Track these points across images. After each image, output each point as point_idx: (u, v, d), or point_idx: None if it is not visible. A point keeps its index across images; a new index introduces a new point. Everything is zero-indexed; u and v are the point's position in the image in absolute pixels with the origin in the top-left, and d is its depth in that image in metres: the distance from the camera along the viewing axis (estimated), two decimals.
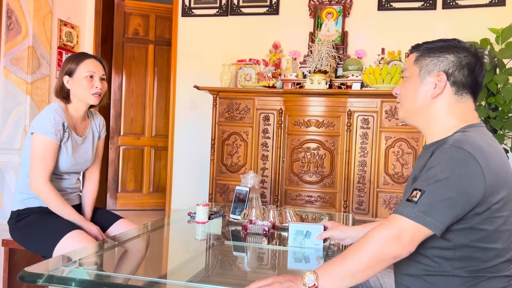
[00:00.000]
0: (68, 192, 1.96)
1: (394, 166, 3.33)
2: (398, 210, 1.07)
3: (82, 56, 1.93)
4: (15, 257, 1.97)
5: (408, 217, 1.04)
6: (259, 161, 3.61)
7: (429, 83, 1.20)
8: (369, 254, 1.04)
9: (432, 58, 1.20)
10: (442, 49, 1.20)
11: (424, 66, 1.21)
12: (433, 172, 1.06)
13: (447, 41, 1.22)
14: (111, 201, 4.74)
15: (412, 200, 1.05)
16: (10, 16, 3.75)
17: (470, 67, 1.18)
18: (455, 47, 1.20)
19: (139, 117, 4.84)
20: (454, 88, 1.19)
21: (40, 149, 1.78)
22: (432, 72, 1.19)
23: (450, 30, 3.57)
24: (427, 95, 1.20)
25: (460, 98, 1.19)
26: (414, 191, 1.07)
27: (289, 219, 1.88)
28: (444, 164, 1.05)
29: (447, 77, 1.18)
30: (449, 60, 1.18)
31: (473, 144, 1.07)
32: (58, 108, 1.86)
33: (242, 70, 3.89)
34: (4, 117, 3.76)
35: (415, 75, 1.22)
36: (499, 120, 3.12)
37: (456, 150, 1.06)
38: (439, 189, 1.04)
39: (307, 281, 1.05)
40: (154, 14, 4.84)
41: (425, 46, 1.23)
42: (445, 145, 1.09)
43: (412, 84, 1.23)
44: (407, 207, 1.05)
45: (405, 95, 1.25)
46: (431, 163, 1.09)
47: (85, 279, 1.18)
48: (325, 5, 3.92)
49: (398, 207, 1.08)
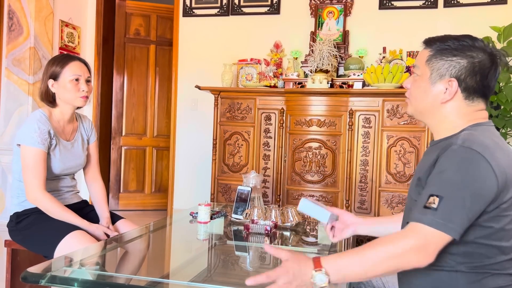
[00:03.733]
0: (64, 192, 1.96)
1: (396, 165, 3.32)
2: (417, 218, 1.04)
3: (67, 59, 1.89)
4: (17, 258, 1.97)
5: (430, 225, 1.01)
6: (261, 160, 3.61)
7: (439, 88, 1.17)
8: (390, 263, 1.02)
9: (445, 62, 1.17)
10: (455, 51, 1.16)
11: (435, 69, 1.18)
12: (447, 175, 1.04)
13: (461, 40, 1.17)
14: (113, 202, 4.75)
15: (431, 207, 1.02)
16: (12, 17, 3.75)
17: (484, 72, 1.15)
18: (470, 48, 1.16)
19: (141, 117, 4.84)
20: (465, 94, 1.17)
21: (30, 160, 1.76)
22: (443, 77, 1.17)
23: (451, 29, 3.56)
24: (437, 99, 1.18)
25: (471, 102, 1.17)
26: (431, 197, 1.03)
27: (291, 218, 1.88)
28: (456, 166, 1.04)
29: (459, 83, 1.15)
30: (461, 65, 1.15)
31: (481, 144, 1.06)
32: (42, 116, 1.83)
33: (243, 69, 3.88)
34: (6, 118, 3.77)
35: (426, 76, 1.20)
36: (501, 119, 3.11)
37: (466, 151, 1.05)
38: (456, 194, 1.02)
39: (318, 282, 1.02)
40: (155, 14, 4.84)
41: (438, 45, 1.19)
42: (453, 145, 1.07)
43: (422, 85, 1.21)
44: (427, 215, 1.02)
45: (415, 94, 1.23)
46: (441, 166, 1.07)
47: (87, 279, 1.18)
48: (326, 4, 3.91)
49: (417, 214, 1.04)
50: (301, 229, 1.93)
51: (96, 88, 4.49)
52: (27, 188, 1.78)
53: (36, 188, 1.76)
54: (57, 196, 1.90)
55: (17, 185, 1.87)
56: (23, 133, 1.79)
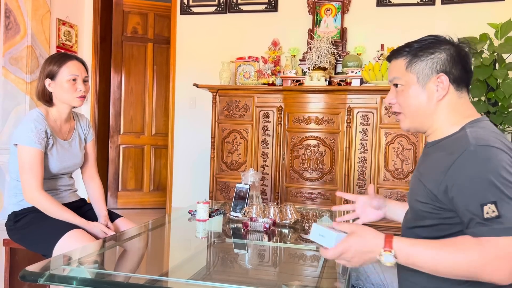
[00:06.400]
0: (62, 190, 1.95)
1: (394, 162, 3.33)
2: (483, 232, 0.99)
3: (64, 58, 1.87)
4: (16, 257, 1.97)
5: (503, 234, 0.97)
6: (259, 158, 3.61)
7: (430, 87, 1.18)
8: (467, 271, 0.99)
9: (426, 61, 1.17)
10: (430, 49, 1.17)
11: (420, 71, 1.18)
12: (483, 178, 1.01)
13: (427, 39, 1.19)
14: (111, 200, 4.74)
15: (492, 217, 0.98)
16: (9, 16, 3.74)
17: (463, 60, 1.17)
18: (440, 43, 1.18)
19: (139, 116, 4.84)
20: (455, 85, 1.18)
21: (27, 159, 1.75)
22: (431, 76, 1.17)
23: (449, 26, 3.56)
24: (432, 99, 1.18)
25: (460, 93, 1.19)
26: (485, 207, 0.99)
27: (290, 216, 1.89)
28: (485, 166, 1.02)
29: (447, 76, 1.16)
30: (442, 59, 1.16)
31: (493, 139, 1.07)
32: (39, 115, 1.82)
33: (241, 67, 3.88)
34: (4, 117, 3.76)
35: (412, 82, 1.19)
36: (499, 115, 3.12)
37: (486, 149, 1.04)
38: (506, 191, 0.99)
39: (385, 261, 1.03)
40: (152, 13, 4.83)
41: (409, 51, 1.19)
42: (470, 147, 1.05)
43: (412, 92, 1.19)
44: (493, 225, 0.98)
45: (408, 105, 1.21)
46: (469, 171, 1.03)
47: (86, 277, 1.18)
48: (324, 1, 3.91)
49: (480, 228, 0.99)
50: (299, 227, 1.93)
51: (93, 86, 4.48)
52: (25, 188, 1.77)
53: (33, 188, 1.76)
54: (55, 195, 1.90)
55: (14, 184, 1.87)
56: (20, 132, 1.78)
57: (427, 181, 1.14)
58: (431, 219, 1.13)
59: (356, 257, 1.06)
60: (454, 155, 1.07)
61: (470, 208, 1.02)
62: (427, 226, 1.15)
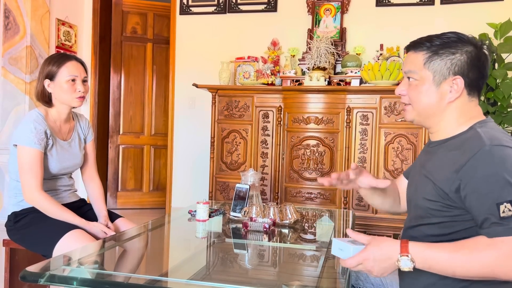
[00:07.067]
0: (62, 191, 1.96)
1: (394, 162, 3.33)
2: (498, 232, 1.00)
3: (63, 58, 1.87)
4: (16, 257, 1.97)
5: None
6: (259, 158, 3.61)
7: (444, 88, 1.17)
8: (484, 273, 1.00)
9: (446, 61, 1.16)
10: (450, 48, 1.16)
11: (438, 71, 1.17)
12: (499, 177, 1.01)
13: (450, 36, 1.18)
14: (111, 200, 4.74)
15: (509, 216, 0.99)
16: (8, 16, 3.74)
17: (481, 64, 1.16)
18: (462, 42, 1.17)
19: (138, 116, 4.84)
20: (468, 89, 1.17)
21: (27, 160, 1.75)
22: (447, 77, 1.16)
23: (448, 26, 3.56)
24: (443, 100, 1.17)
25: (471, 97, 1.18)
26: (501, 206, 0.99)
27: (290, 216, 1.89)
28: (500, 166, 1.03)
29: (463, 79, 1.15)
30: (461, 61, 1.15)
31: (505, 139, 1.07)
32: (38, 116, 1.82)
33: (240, 67, 3.88)
34: (3, 117, 3.76)
35: (427, 79, 1.18)
36: (498, 115, 3.12)
37: (500, 149, 1.04)
38: None
39: (403, 266, 1.04)
40: (152, 13, 4.83)
41: (430, 46, 1.18)
42: (484, 147, 1.05)
43: (425, 90, 1.19)
44: (510, 224, 0.98)
45: (418, 100, 1.21)
46: (485, 171, 1.03)
47: (86, 278, 1.18)
48: (323, 1, 3.91)
49: (495, 228, 1.00)
50: (299, 227, 1.93)
51: (93, 86, 4.48)
52: (24, 188, 1.77)
53: (33, 188, 1.76)
54: (54, 195, 1.90)
55: (14, 185, 1.87)
56: (20, 133, 1.78)
57: (437, 179, 1.14)
58: (439, 217, 1.14)
59: (376, 266, 1.07)
60: (467, 154, 1.07)
61: (485, 207, 1.02)
62: (433, 223, 1.15)
